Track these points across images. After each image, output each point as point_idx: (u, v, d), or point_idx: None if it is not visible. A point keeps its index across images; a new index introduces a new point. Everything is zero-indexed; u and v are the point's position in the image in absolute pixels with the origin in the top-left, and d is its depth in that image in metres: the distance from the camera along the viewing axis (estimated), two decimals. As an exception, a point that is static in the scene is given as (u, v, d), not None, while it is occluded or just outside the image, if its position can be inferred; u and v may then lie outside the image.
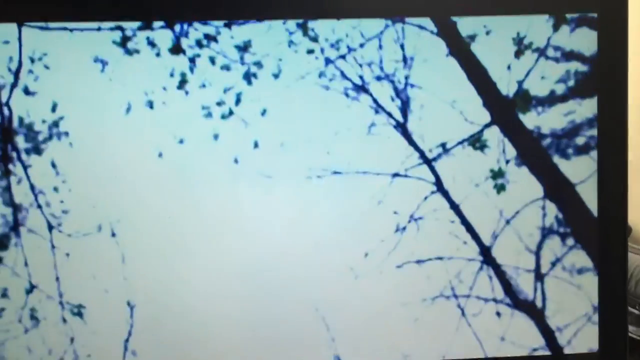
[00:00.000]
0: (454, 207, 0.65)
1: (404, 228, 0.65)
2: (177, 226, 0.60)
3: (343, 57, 0.61)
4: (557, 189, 0.66)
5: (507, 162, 0.65)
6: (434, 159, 0.64)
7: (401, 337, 0.65)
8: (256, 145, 0.61)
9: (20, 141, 0.57)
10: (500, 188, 0.65)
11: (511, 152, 0.65)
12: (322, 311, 0.63)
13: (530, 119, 0.65)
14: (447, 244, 0.65)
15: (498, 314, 0.66)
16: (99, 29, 0.57)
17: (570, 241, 0.65)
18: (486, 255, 0.65)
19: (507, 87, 0.63)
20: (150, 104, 0.58)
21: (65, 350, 0.60)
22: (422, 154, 0.63)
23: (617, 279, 0.68)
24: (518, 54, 0.63)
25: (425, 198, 0.65)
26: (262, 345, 0.63)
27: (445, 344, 0.66)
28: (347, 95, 0.61)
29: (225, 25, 0.59)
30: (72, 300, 0.59)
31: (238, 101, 0.60)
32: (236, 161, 0.61)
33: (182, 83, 0.59)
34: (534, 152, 0.65)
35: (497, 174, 0.64)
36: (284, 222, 0.62)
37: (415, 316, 0.65)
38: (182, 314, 0.61)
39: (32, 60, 0.56)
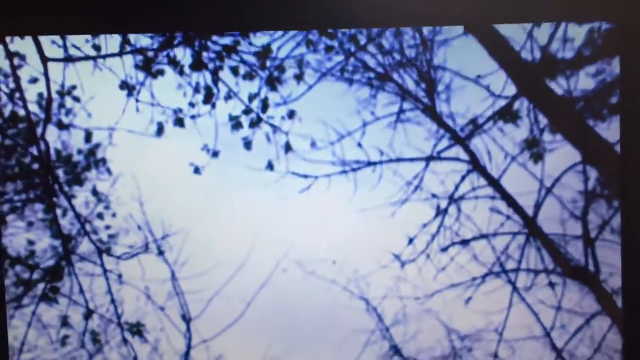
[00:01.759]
0: (493, 182, 0.63)
1: (445, 210, 0.63)
2: (222, 237, 0.60)
3: (363, 47, 0.59)
4: (596, 151, 0.63)
5: (541, 130, 0.62)
6: (467, 138, 0.62)
7: (456, 319, 0.64)
8: (288, 147, 0.60)
9: (61, 174, 0.57)
10: (537, 157, 0.63)
11: (543, 120, 0.63)
12: (373, 302, 0.62)
13: (559, 84, 0.63)
14: (490, 220, 0.64)
15: (551, 284, 0.64)
16: (120, 54, 0.57)
17: (615, 203, 0.63)
18: (531, 227, 0.63)
19: (530, 55, 0.61)
20: (181, 122, 0.58)
21: (130, 370, 0.60)
22: (453, 134, 0.62)
23: None
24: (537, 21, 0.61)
25: (463, 178, 0.63)
26: (318, 340, 0.62)
27: (501, 320, 0.64)
28: (371, 85, 0.60)
29: (242, 34, 0.58)
30: (131, 320, 0.59)
31: (265, 107, 0.60)
32: (271, 166, 0.60)
33: (208, 97, 0.58)
34: (567, 117, 0.63)
35: (532, 143, 0.62)
36: (325, 218, 0.61)
37: (467, 296, 0.64)
38: (237, 320, 0.61)
39: (62, 95, 0.56)
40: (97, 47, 0.56)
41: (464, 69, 0.61)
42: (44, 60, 0.54)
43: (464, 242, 0.64)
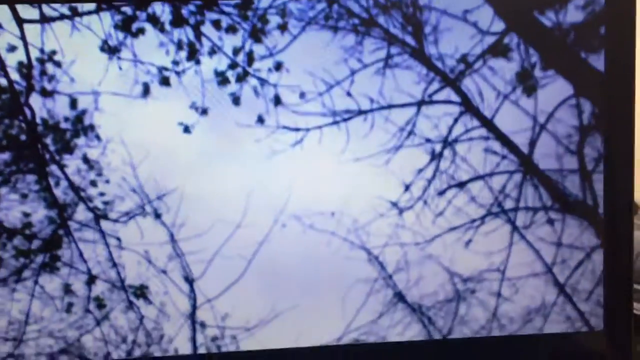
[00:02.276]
0: (486, 123, 0.62)
1: (440, 154, 0.62)
2: (218, 196, 0.59)
3: (345, -7, 0.58)
4: (589, 84, 0.62)
5: (533, 65, 0.61)
6: (457, 79, 0.61)
7: (457, 262, 0.64)
8: (277, 101, 0.59)
9: (50, 143, 0.56)
10: (530, 89, 0.62)
11: (534, 54, 0.61)
12: (374, 251, 0.62)
13: (548, 18, 0.61)
14: (485, 161, 0.63)
15: (550, 220, 0.64)
16: (97, 12, 0.55)
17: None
18: (527, 165, 0.62)
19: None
20: (166, 81, 0.57)
21: (137, 333, 0.60)
22: (443, 76, 0.60)
23: (624, 256, 0.66)
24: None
25: (456, 120, 0.62)
26: (322, 293, 0.62)
27: (502, 260, 0.64)
28: (357, 32, 0.59)
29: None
30: (134, 283, 0.59)
31: (250, 61, 0.58)
32: (261, 120, 0.59)
33: (192, 53, 0.57)
34: (558, 51, 0.61)
35: (523, 77, 0.61)
36: (320, 170, 0.60)
37: (467, 238, 0.63)
38: (239, 278, 0.60)
39: (42, 62, 0.55)
40: (73, 9, 0.54)
41: (451, 8, 0.60)
42: (20, 22, 0.52)
43: (461, 185, 0.63)
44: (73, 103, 0.56)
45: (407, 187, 0.63)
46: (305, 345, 0.62)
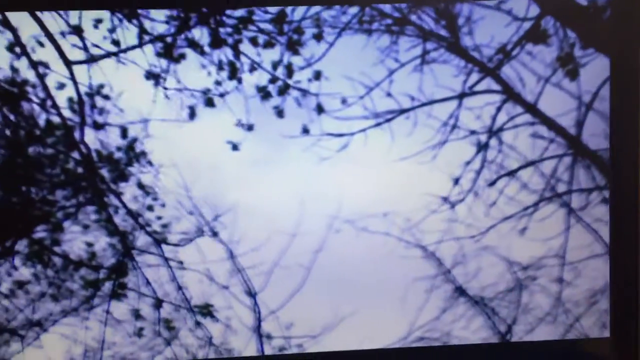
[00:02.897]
0: (530, 108, 0.61)
1: (486, 144, 0.61)
2: (271, 208, 0.59)
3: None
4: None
5: (572, 46, 0.60)
6: (496, 68, 0.60)
7: (515, 251, 0.62)
8: (320, 109, 0.59)
9: (105, 173, 0.57)
10: (573, 73, 0.60)
11: (572, 35, 0.60)
12: (430, 248, 0.61)
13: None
14: (534, 147, 0.62)
15: (605, 200, 0.62)
16: (140, 45, 0.56)
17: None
18: (577, 146, 0.61)
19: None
20: (211, 102, 0.57)
21: (206, 351, 0.61)
22: (482, 66, 0.59)
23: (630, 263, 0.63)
24: None
25: (499, 109, 0.61)
26: (382, 294, 0.61)
27: (561, 244, 0.62)
28: (391, 32, 0.58)
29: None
30: (199, 302, 0.59)
31: (290, 73, 0.58)
32: (306, 130, 0.59)
33: (233, 72, 0.57)
34: (596, 29, 0.60)
35: (565, 60, 0.59)
36: (367, 173, 0.60)
37: (523, 226, 0.62)
38: (300, 287, 0.60)
39: (91, 96, 0.56)
40: (116, 42, 0.55)
41: (483, -2, 0.59)
42: (68, 64, 0.54)
43: (511, 173, 0.62)
44: (124, 132, 0.57)
45: (456, 181, 0.62)
46: (371, 347, 0.61)
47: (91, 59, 0.55)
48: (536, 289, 0.63)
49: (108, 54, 0.55)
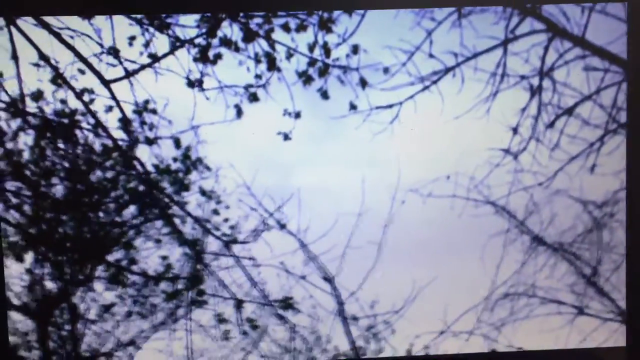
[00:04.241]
0: (579, 41, 0.58)
1: (539, 87, 0.58)
2: (333, 192, 0.58)
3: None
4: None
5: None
6: (536, 6, 0.56)
7: (587, 190, 0.60)
8: (364, 83, 0.57)
9: (167, 186, 0.57)
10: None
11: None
12: (499, 203, 0.59)
13: None
14: (589, 80, 0.59)
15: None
16: (173, 52, 0.55)
17: None
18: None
19: None
20: (255, 97, 0.56)
21: (294, 343, 0.60)
22: (522, 8, 0.56)
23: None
24: None
25: (546, 48, 0.58)
26: (458, 257, 0.59)
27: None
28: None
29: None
30: (278, 296, 0.59)
31: (327, 52, 0.57)
32: (353, 106, 0.57)
33: (271, 63, 0.56)
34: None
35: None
36: (423, 139, 0.58)
37: (591, 164, 0.59)
38: (375, 264, 0.59)
39: (139, 113, 0.56)
40: (152, 55, 0.54)
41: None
42: (107, 84, 0.53)
43: (569, 111, 0.59)
44: (177, 143, 0.56)
45: (514, 130, 0.59)
46: (456, 314, 0.60)
47: (129, 75, 0.54)
48: (616, 225, 0.60)
49: (143, 67, 0.54)
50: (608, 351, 0.60)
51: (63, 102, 0.55)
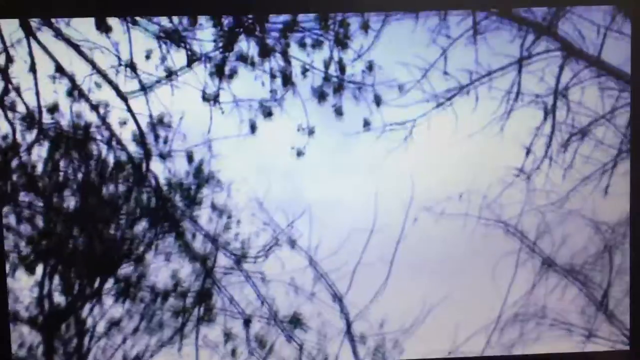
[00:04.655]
0: (594, 62, 0.58)
1: (554, 106, 0.58)
2: (345, 208, 0.58)
3: None
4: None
5: (629, -11, 0.56)
6: (552, 25, 0.57)
7: (600, 212, 0.60)
8: (378, 100, 0.57)
9: (179, 200, 0.57)
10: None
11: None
12: (511, 222, 0.59)
13: None
14: (603, 100, 0.59)
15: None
16: (189, 65, 0.55)
17: None
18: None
19: None
20: (269, 112, 0.56)
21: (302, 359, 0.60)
22: (537, 27, 0.57)
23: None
24: None
25: (561, 68, 0.58)
26: (469, 276, 0.59)
27: None
28: (438, 9, 0.56)
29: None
30: (287, 313, 0.58)
31: (342, 69, 0.57)
32: (367, 123, 0.57)
33: (286, 78, 0.56)
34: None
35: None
36: (437, 156, 0.58)
37: (605, 185, 0.59)
38: (385, 282, 0.59)
39: (153, 126, 0.56)
40: (168, 70, 0.54)
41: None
42: (124, 98, 0.53)
43: (583, 131, 0.59)
44: (190, 157, 0.56)
45: (528, 150, 0.59)
46: (466, 334, 0.59)
47: (146, 88, 0.54)
48: (628, 248, 0.59)
49: (160, 80, 0.54)
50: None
51: (78, 115, 0.55)
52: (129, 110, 0.54)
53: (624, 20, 0.57)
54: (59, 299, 0.56)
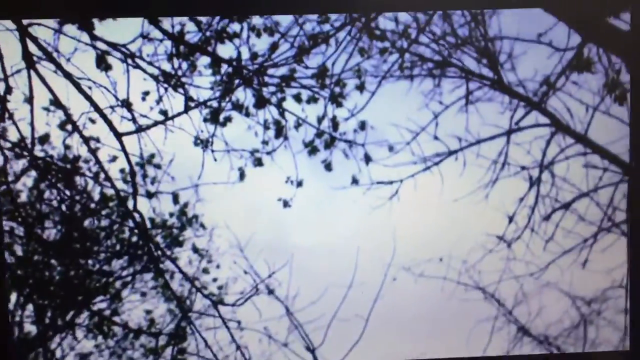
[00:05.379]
0: (581, 138, 0.59)
1: (539, 179, 0.60)
2: (326, 261, 0.58)
3: (415, 40, 0.57)
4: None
5: (617, 72, 0.58)
6: (542, 101, 0.58)
7: (577, 285, 0.61)
8: (368, 159, 0.58)
9: (160, 240, 0.57)
10: (621, 98, 0.59)
11: (617, 60, 0.58)
12: (489, 289, 0.60)
13: (623, 20, 0.58)
14: (587, 177, 0.60)
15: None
16: (186, 111, 0.56)
17: None
18: (632, 173, 0.59)
19: None
20: (259, 162, 0.57)
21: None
22: (528, 101, 0.58)
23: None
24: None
25: (548, 142, 0.60)
26: (445, 339, 0.60)
27: (623, 274, 0.60)
28: (433, 75, 0.58)
29: (296, 57, 0.57)
30: (263, 363, 0.59)
31: (335, 126, 0.58)
32: (355, 181, 0.58)
33: (279, 130, 0.57)
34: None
35: (612, 86, 0.58)
36: (420, 218, 0.59)
37: (583, 259, 0.60)
38: (360, 339, 0.59)
39: (142, 166, 0.56)
40: (164, 112, 0.55)
41: (522, 33, 0.58)
42: (119, 135, 0.54)
43: (566, 206, 0.61)
44: (175, 198, 0.57)
45: (511, 219, 0.60)
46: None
47: (141, 129, 0.55)
48: (602, 323, 0.60)
49: (156, 123, 0.55)
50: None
51: (68, 147, 0.55)
52: (123, 149, 0.55)
53: (613, 101, 0.59)
54: (30, 327, 0.56)
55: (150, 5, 0.51)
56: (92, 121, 0.55)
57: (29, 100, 0.54)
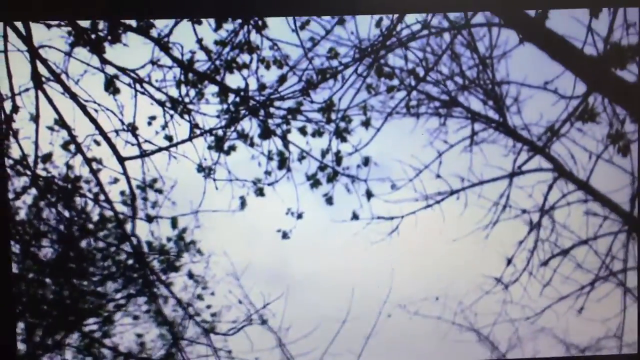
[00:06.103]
0: (583, 185, 0.60)
1: (539, 223, 0.60)
2: (321, 295, 0.59)
3: (423, 79, 0.58)
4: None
5: (622, 122, 0.59)
6: (546, 146, 0.59)
7: (572, 332, 0.61)
8: (369, 194, 0.59)
9: (156, 264, 0.57)
10: (624, 149, 0.59)
11: (622, 111, 0.59)
12: (483, 332, 0.60)
13: (630, 72, 0.59)
14: (587, 224, 0.60)
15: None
16: (191, 139, 0.57)
17: None
18: (632, 223, 0.60)
19: (594, 48, 0.58)
20: (261, 192, 0.58)
21: None
22: (532, 145, 0.59)
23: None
24: (594, 13, 0.58)
25: (550, 187, 0.60)
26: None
27: (619, 324, 0.61)
28: (439, 114, 0.58)
29: (302, 91, 0.57)
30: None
31: (339, 160, 0.59)
32: (356, 216, 0.59)
33: (282, 162, 0.58)
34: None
35: (616, 137, 0.59)
36: (419, 256, 0.60)
37: (579, 306, 0.61)
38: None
39: (143, 189, 0.57)
40: (169, 138, 0.56)
41: (529, 78, 0.59)
42: (121, 160, 0.55)
43: (565, 252, 0.61)
44: (174, 224, 0.57)
45: (509, 261, 0.61)
46: None
47: (144, 154, 0.55)
48: (596, 369, 0.61)
49: (160, 149, 0.56)
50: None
51: (70, 167, 0.56)
52: (125, 173, 0.56)
53: (617, 152, 0.59)
54: (19, 345, 0.56)
55: (150, 5, 0.51)
56: (97, 143, 0.56)
57: (35, 119, 0.55)
